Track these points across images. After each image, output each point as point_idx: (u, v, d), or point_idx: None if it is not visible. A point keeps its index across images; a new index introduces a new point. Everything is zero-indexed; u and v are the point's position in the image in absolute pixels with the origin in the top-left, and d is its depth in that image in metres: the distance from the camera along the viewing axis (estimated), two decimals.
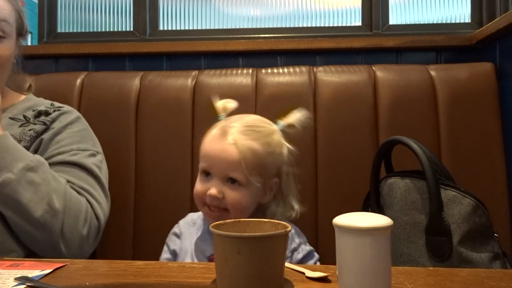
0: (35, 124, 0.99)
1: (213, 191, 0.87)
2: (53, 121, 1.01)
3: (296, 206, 0.94)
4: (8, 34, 0.97)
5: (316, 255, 0.94)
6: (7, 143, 0.87)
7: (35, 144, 0.97)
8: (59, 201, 0.87)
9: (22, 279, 0.61)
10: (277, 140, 0.92)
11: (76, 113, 1.06)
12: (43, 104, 1.05)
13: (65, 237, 0.88)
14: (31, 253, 0.89)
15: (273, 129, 0.93)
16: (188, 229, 0.97)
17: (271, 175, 0.92)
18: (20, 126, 0.99)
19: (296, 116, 0.95)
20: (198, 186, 0.91)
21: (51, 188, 0.87)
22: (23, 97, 1.08)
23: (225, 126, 0.90)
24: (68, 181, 0.93)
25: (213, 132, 0.91)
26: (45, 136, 0.98)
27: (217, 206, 0.88)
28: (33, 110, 1.02)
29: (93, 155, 1.01)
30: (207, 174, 0.90)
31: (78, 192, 0.93)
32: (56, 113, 1.02)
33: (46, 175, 0.88)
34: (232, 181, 0.87)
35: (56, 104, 1.06)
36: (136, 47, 1.46)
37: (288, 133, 0.95)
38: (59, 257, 0.88)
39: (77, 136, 1.01)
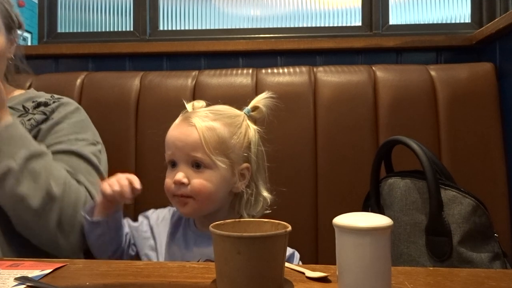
0: (34, 114, 0.99)
1: (178, 176, 0.85)
2: (52, 111, 1.00)
3: (265, 194, 0.91)
4: None
5: (298, 255, 0.91)
6: (11, 132, 0.87)
7: (33, 133, 0.96)
8: (58, 188, 0.87)
9: (22, 279, 0.61)
10: (241, 121, 0.90)
11: (75, 104, 1.06)
12: (43, 96, 1.05)
13: (63, 227, 0.87)
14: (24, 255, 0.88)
15: (237, 113, 0.92)
16: (161, 226, 0.94)
17: (239, 159, 0.88)
18: (19, 116, 0.98)
19: (258, 98, 0.94)
20: (167, 179, 0.89)
21: (51, 176, 0.87)
22: (23, 91, 1.08)
23: (188, 113, 0.91)
24: (67, 171, 0.92)
25: (176, 121, 0.91)
26: (44, 126, 0.97)
27: (183, 195, 0.85)
28: (33, 102, 1.02)
29: (92, 144, 1.00)
30: (173, 164, 0.88)
31: (79, 181, 0.92)
32: (56, 103, 1.02)
33: (47, 163, 0.88)
34: (197, 165, 0.85)
35: (56, 96, 1.06)
36: (136, 47, 1.46)
37: (256, 117, 0.93)
38: (57, 249, 0.87)
39: (76, 127, 1.01)
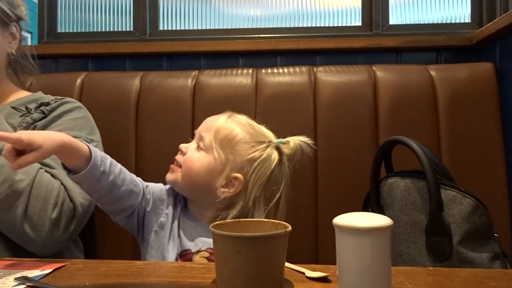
0: (33, 113, 0.99)
1: (182, 144, 0.94)
2: (52, 110, 1.00)
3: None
4: None
5: None
6: None
7: (29, 130, 0.95)
8: (24, 183, 0.84)
9: (22, 279, 0.61)
10: (263, 141, 0.90)
11: (76, 103, 1.06)
12: (48, 98, 1.05)
13: (32, 220, 0.85)
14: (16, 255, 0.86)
15: (267, 135, 0.92)
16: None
17: (235, 166, 0.88)
18: (21, 116, 0.99)
19: (295, 136, 0.92)
20: None
21: (18, 171, 0.83)
22: (29, 93, 1.08)
23: (230, 112, 0.95)
24: (46, 164, 0.90)
25: None
26: (40, 123, 0.97)
27: (177, 161, 0.93)
28: (36, 103, 1.02)
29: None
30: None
31: (54, 175, 0.90)
32: (57, 103, 1.02)
33: None
34: (200, 146, 0.91)
35: (60, 97, 1.06)
36: (136, 47, 1.46)
37: (284, 151, 0.91)
38: (29, 243, 0.85)
39: (71, 124, 1.00)
